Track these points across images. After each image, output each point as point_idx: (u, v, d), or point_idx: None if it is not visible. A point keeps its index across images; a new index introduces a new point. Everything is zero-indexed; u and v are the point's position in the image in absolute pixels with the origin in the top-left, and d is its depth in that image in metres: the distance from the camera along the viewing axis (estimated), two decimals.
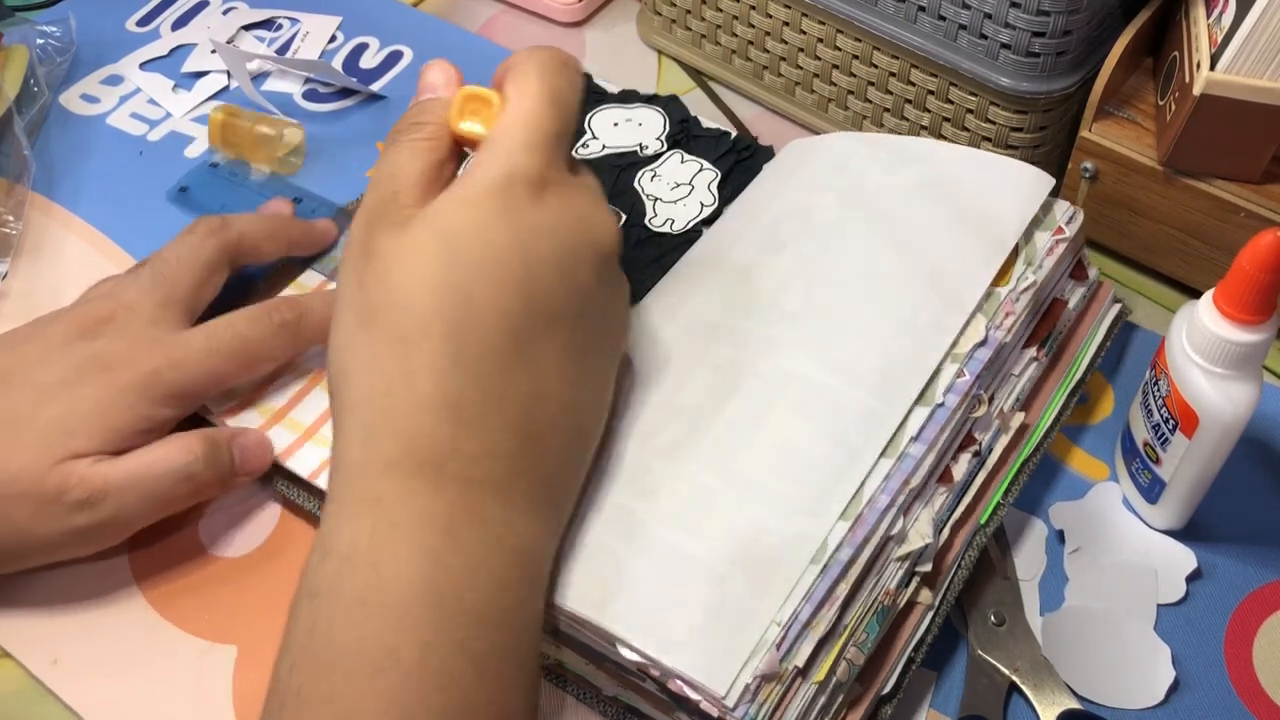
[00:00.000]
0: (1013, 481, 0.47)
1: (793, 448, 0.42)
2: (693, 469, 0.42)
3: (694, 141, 0.59)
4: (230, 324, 0.48)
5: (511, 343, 0.38)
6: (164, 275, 0.48)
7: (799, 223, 0.50)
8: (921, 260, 0.47)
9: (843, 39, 0.58)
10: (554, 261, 0.39)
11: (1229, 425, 0.43)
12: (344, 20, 0.71)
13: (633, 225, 0.56)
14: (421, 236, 0.39)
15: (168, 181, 0.62)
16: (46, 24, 0.68)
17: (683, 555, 0.40)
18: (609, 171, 0.58)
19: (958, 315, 0.45)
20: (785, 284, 0.47)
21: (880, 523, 0.41)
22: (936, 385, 0.44)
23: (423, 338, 0.37)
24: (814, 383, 0.44)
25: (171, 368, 0.46)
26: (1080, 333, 0.51)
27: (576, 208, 0.41)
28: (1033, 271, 0.48)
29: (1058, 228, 0.49)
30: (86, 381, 0.45)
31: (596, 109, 0.62)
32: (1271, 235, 0.39)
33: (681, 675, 0.37)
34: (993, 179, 0.50)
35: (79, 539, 0.45)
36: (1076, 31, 0.52)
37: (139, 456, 0.45)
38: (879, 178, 0.51)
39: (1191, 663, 0.45)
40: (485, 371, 0.38)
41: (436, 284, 0.38)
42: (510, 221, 0.39)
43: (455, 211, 0.39)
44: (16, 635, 0.47)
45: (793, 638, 0.38)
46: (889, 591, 0.41)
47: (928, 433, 0.43)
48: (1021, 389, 0.48)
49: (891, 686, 0.42)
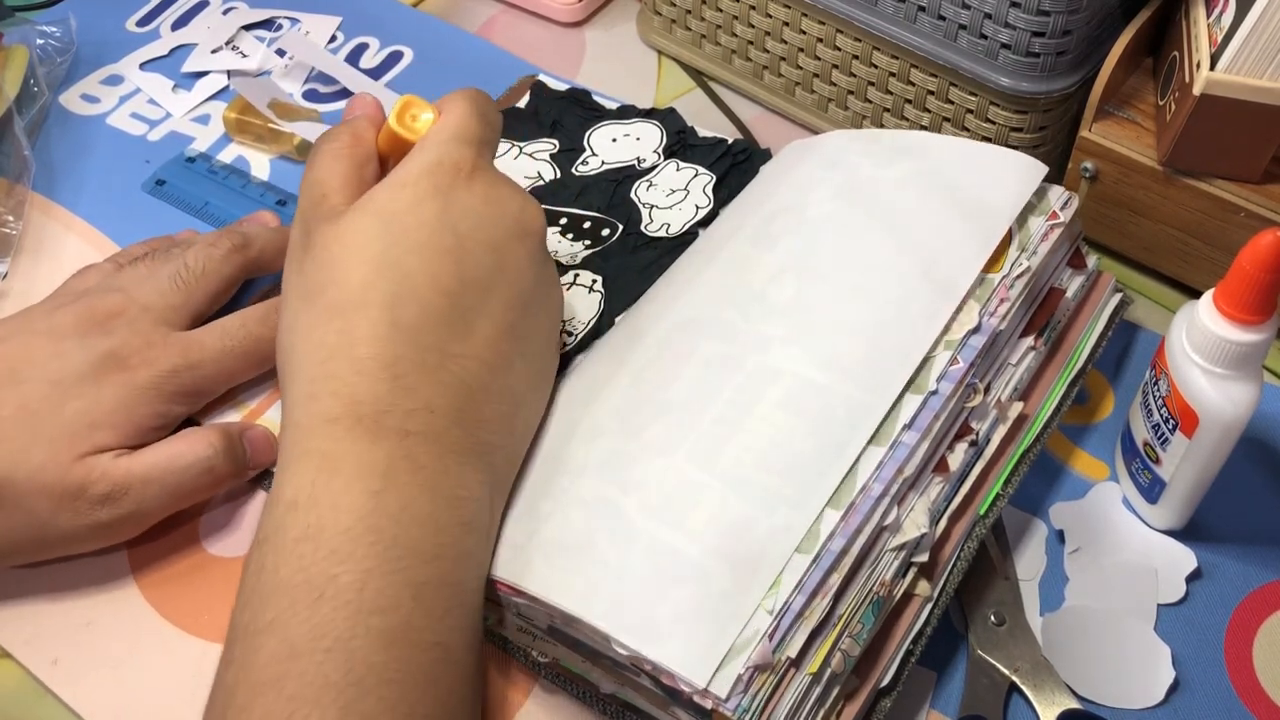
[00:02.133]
0: (1012, 472, 0.47)
1: (779, 441, 0.42)
2: (679, 463, 0.42)
3: (690, 150, 0.60)
4: (242, 323, 0.49)
5: (446, 312, 0.41)
6: (185, 282, 0.49)
7: (792, 217, 0.50)
8: (914, 249, 0.47)
9: (843, 39, 0.58)
10: (484, 238, 0.42)
11: (1229, 425, 0.43)
12: (344, 20, 0.71)
13: (629, 233, 0.56)
14: (357, 219, 0.42)
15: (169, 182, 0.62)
16: (46, 24, 0.69)
17: (668, 549, 0.40)
18: (606, 186, 0.58)
19: (950, 302, 0.45)
20: (776, 278, 0.47)
21: (874, 512, 0.41)
22: (929, 372, 0.44)
23: (361, 307, 0.40)
24: (801, 377, 0.44)
25: (189, 368, 0.47)
26: (1080, 322, 0.51)
27: (503, 191, 0.44)
28: (1027, 257, 0.48)
29: (1052, 212, 0.49)
30: (104, 377, 0.46)
31: (596, 126, 0.62)
32: (1271, 235, 0.39)
33: (666, 668, 0.37)
34: (986, 167, 0.50)
35: (99, 532, 0.45)
36: (1076, 31, 0.52)
37: (160, 450, 0.46)
38: (872, 171, 0.51)
39: (1191, 663, 0.45)
40: (422, 337, 0.40)
41: (372, 257, 0.41)
42: (441, 199, 0.42)
43: (388, 194, 0.42)
44: (16, 635, 0.47)
45: (785, 628, 0.38)
46: (884, 582, 0.41)
47: (921, 420, 0.43)
48: (1020, 378, 0.47)
49: (890, 679, 0.42)
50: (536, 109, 0.63)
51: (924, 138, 0.52)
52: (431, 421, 0.40)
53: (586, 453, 0.43)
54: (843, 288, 0.46)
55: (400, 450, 0.38)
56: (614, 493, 0.42)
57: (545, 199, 0.58)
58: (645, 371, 0.46)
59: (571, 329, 0.51)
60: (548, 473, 0.44)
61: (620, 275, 0.54)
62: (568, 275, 0.54)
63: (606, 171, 0.59)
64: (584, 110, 0.63)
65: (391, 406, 0.39)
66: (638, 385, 0.45)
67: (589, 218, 0.57)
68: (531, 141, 0.61)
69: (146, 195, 0.62)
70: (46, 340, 0.46)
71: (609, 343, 0.49)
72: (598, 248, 0.55)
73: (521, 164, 0.60)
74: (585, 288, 0.53)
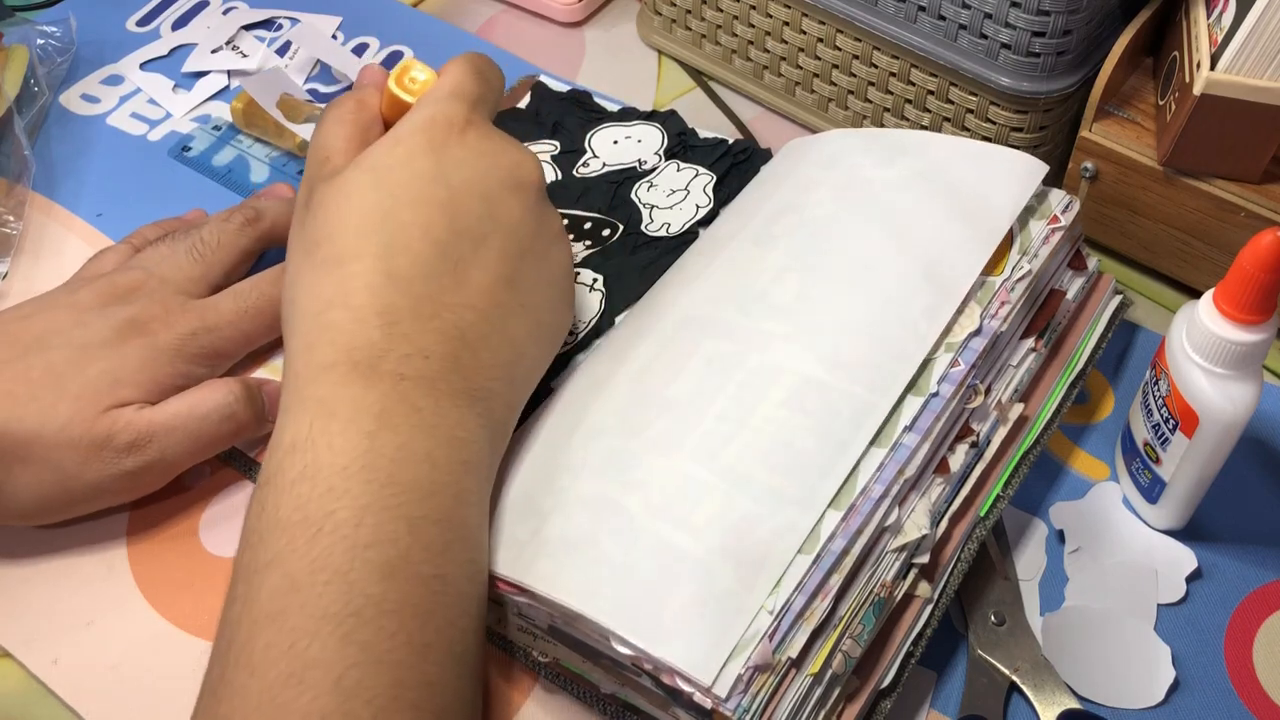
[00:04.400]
0: (1013, 474, 0.47)
1: (782, 440, 0.42)
2: (681, 461, 0.42)
3: (691, 151, 0.60)
4: (255, 285, 0.51)
5: (439, 261, 0.41)
6: (202, 255, 0.51)
7: (794, 217, 0.50)
8: (914, 250, 0.47)
9: (843, 39, 0.58)
10: (477, 188, 0.43)
11: (1229, 425, 0.43)
12: (344, 20, 0.71)
13: (630, 233, 0.56)
14: (353, 175, 0.42)
15: (168, 182, 0.62)
16: (46, 24, 0.68)
17: (671, 547, 0.40)
18: (606, 188, 0.58)
19: (950, 304, 0.45)
20: (778, 277, 0.47)
21: (875, 513, 0.41)
22: (930, 374, 0.44)
23: (356, 258, 0.41)
24: (804, 376, 0.44)
25: (206, 330, 0.49)
26: (1080, 324, 0.51)
27: (497, 144, 0.44)
28: (1028, 260, 0.48)
29: (1053, 216, 0.49)
30: (127, 341, 0.47)
31: (596, 128, 0.62)
32: (1271, 235, 0.39)
33: (670, 667, 0.37)
34: (986, 167, 0.50)
35: (126, 483, 0.47)
36: (1076, 31, 0.52)
37: (182, 399, 0.47)
38: (873, 170, 0.51)
39: (1191, 663, 0.45)
40: (415, 287, 0.41)
41: (367, 210, 0.41)
42: (434, 153, 0.43)
43: (383, 150, 0.43)
44: (16, 635, 0.47)
45: (785, 628, 0.38)
46: (885, 583, 0.41)
47: (922, 422, 0.43)
48: (1020, 380, 0.47)
49: (890, 680, 0.42)
50: (538, 110, 0.63)
51: (924, 137, 0.52)
52: (427, 366, 0.40)
53: (588, 451, 0.43)
54: (844, 287, 0.46)
55: (396, 393, 0.39)
56: (617, 491, 0.42)
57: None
58: (647, 370, 0.46)
59: (573, 329, 0.51)
60: (549, 470, 0.44)
61: (621, 275, 0.54)
62: None
63: (607, 173, 0.59)
64: (585, 112, 0.63)
65: (386, 352, 0.39)
66: (639, 384, 0.45)
67: (589, 218, 0.57)
68: (533, 143, 0.61)
69: (147, 195, 0.62)
70: (69, 312, 0.48)
71: (610, 342, 0.49)
72: (598, 247, 0.55)
73: None
74: (586, 286, 0.53)
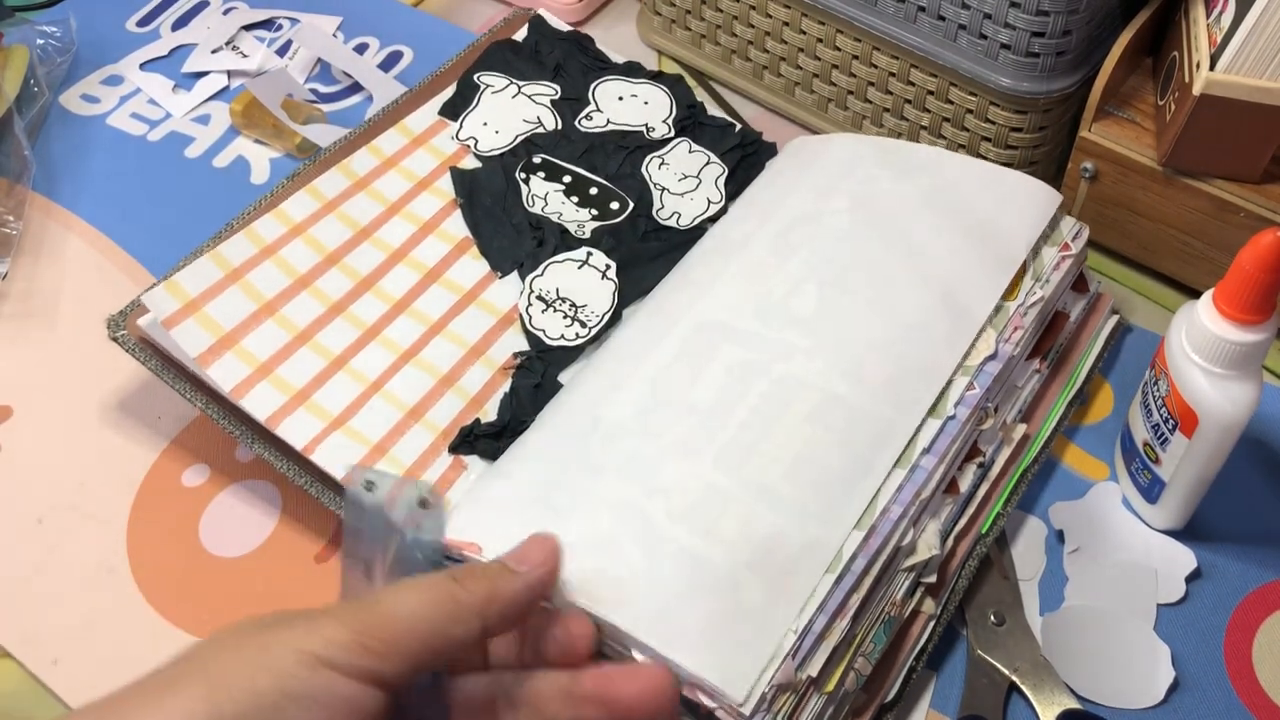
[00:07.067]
0: (1013, 491, 0.47)
1: (806, 454, 0.42)
2: (705, 469, 0.42)
3: (701, 130, 0.59)
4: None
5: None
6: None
7: (810, 227, 0.50)
8: (932, 272, 0.47)
9: (843, 39, 0.58)
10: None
11: (1229, 425, 0.43)
12: (344, 20, 0.71)
13: (640, 215, 0.55)
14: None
15: (168, 182, 0.62)
16: (46, 24, 0.68)
17: (696, 557, 0.40)
18: (616, 152, 0.57)
19: (969, 328, 0.46)
20: (797, 288, 0.47)
21: (893, 533, 0.41)
22: (948, 397, 0.44)
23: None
24: (827, 391, 0.44)
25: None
26: (1080, 344, 0.52)
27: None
28: (1040, 286, 0.48)
29: (1064, 243, 0.50)
30: None
31: (601, 79, 0.60)
32: (1271, 235, 0.39)
33: (700, 681, 0.37)
34: (1003, 193, 0.50)
35: None
36: (1076, 31, 0.52)
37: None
38: (888, 184, 0.51)
39: (1191, 663, 0.45)
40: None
41: None
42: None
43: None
44: (16, 635, 0.47)
45: (808, 648, 0.38)
46: (895, 602, 0.41)
47: (939, 445, 0.43)
48: (1024, 400, 0.48)
49: (894, 694, 0.42)
50: (537, 46, 0.61)
51: (938, 154, 0.52)
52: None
53: (606, 451, 0.43)
54: (864, 303, 0.47)
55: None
56: (638, 494, 0.42)
57: (548, 149, 0.56)
58: (664, 373, 0.46)
59: (585, 318, 0.51)
60: (564, 467, 0.43)
61: (632, 263, 0.53)
62: (579, 252, 0.53)
63: (612, 133, 0.58)
64: (588, 58, 0.61)
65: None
66: (657, 386, 0.45)
67: (595, 183, 0.56)
68: (531, 82, 0.59)
69: (146, 195, 0.62)
70: None
71: (622, 340, 0.49)
72: (605, 221, 0.55)
73: (519, 105, 0.58)
74: (599, 272, 0.53)
